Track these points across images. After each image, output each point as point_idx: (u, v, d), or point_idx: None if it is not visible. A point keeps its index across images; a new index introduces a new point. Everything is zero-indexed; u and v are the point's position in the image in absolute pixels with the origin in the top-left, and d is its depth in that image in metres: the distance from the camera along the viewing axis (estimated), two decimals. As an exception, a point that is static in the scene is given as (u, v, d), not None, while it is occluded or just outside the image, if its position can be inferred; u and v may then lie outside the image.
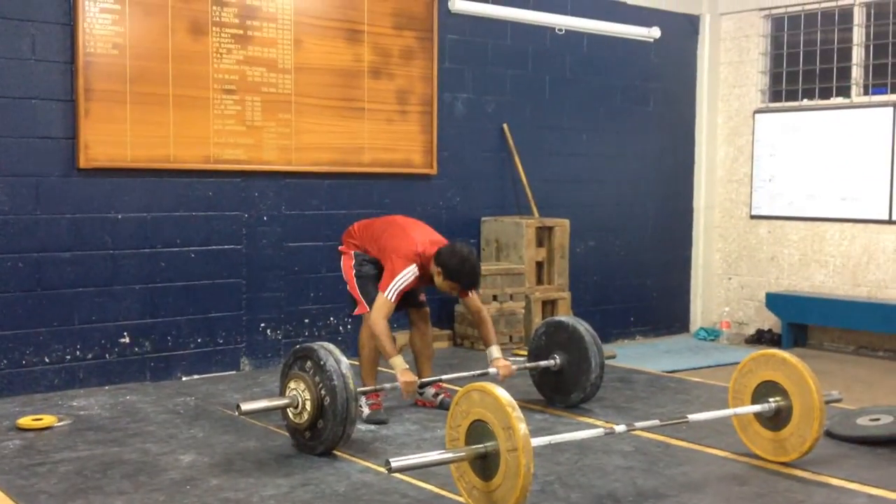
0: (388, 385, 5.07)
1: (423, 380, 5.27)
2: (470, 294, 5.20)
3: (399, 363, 4.95)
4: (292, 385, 4.51)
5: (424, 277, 5.09)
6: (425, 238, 5.15)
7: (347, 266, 5.32)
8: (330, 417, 4.37)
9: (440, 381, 5.38)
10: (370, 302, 5.11)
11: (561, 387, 5.46)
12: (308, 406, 4.41)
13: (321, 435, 4.42)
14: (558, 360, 5.43)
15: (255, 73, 6.47)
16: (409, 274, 4.99)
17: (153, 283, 6.18)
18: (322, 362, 4.41)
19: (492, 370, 5.14)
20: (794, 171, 8.83)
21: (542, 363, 5.46)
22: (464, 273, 4.97)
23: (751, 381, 4.42)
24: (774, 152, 8.97)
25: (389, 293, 4.96)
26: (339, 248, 5.45)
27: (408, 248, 5.04)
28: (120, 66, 5.92)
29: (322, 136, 6.81)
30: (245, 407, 4.42)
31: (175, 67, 6.13)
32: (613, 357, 5.70)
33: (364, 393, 4.97)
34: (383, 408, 5.17)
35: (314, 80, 6.74)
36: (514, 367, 5.27)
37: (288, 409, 4.51)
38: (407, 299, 5.28)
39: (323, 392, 4.39)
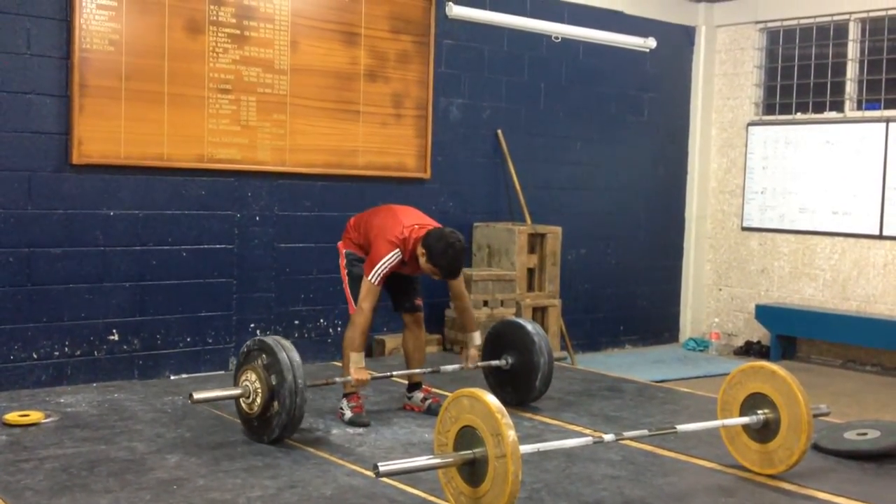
0: (338, 379, 5.10)
1: (377, 374, 5.28)
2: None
3: (358, 359, 4.97)
4: (243, 378, 4.70)
5: (411, 263, 5.05)
6: (413, 222, 5.09)
7: (342, 266, 5.31)
8: (280, 383, 4.53)
9: (391, 376, 5.40)
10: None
11: (521, 380, 5.54)
12: (259, 392, 4.60)
13: (282, 405, 4.53)
14: (510, 360, 5.54)
15: (251, 73, 6.47)
16: (392, 258, 4.96)
17: (144, 281, 6.17)
18: (263, 346, 4.67)
19: (441, 368, 5.36)
20: (786, 184, 8.86)
21: (494, 362, 5.59)
22: (447, 259, 4.89)
23: (739, 393, 4.42)
24: (767, 165, 9.01)
25: (373, 277, 4.96)
26: (338, 244, 5.42)
27: (393, 232, 5.01)
28: (115, 63, 5.90)
29: (316, 137, 6.81)
30: (198, 395, 4.60)
31: (171, 65, 6.12)
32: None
33: (315, 385, 5.02)
34: (365, 410, 5.17)
35: (310, 81, 6.74)
36: (457, 366, 5.46)
37: (241, 399, 4.70)
38: (402, 302, 5.30)
39: (267, 359, 4.61)
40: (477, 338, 5.34)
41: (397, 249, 4.98)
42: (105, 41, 5.87)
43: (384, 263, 4.97)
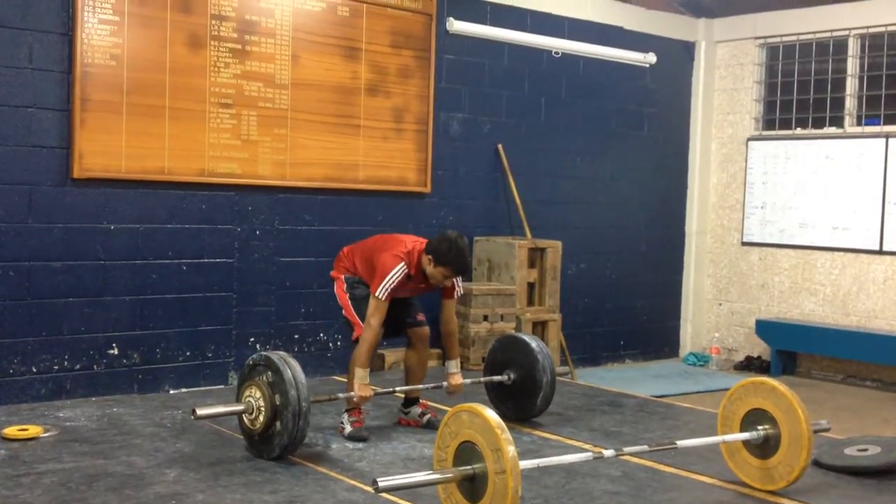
0: (340, 395, 5.12)
1: (380, 390, 5.26)
2: (456, 291, 5.24)
3: (362, 375, 4.99)
4: (247, 393, 4.70)
5: (416, 277, 5.08)
6: (415, 240, 5.18)
7: (340, 291, 5.28)
8: (284, 405, 4.52)
9: (394, 391, 5.40)
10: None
11: (522, 397, 5.56)
12: (262, 409, 4.59)
13: (285, 426, 4.52)
14: (512, 376, 5.56)
15: (252, 88, 6.48)
16: (398, 272, 4.99)
17: (143, 295, 6.16)
18: (269, 363, 4.66)
19: (444, 383, 5.33)
20: (786, 199, 8.87)
21: (497, 378, 5.62)
22: (453, 254, 4.95)
23: (740, 409, 4.42)
24: (767, 180, 9.02)
25: (380, 292, 4.97)
26: (331, 273, 5.42)
27: (398, 248, 5.08)
28: (117, 77, 5.92)
29: (317, 151, 6.82)
30: (200, 412, 4.59)
31: (172, 80, 6.14)
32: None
33: (318, 402, 5.02)
34: (365, 425, 5.18)
35: (311, 95, 6.75)
36: (467, 381, 5.46)
37: (243, 415, 4.70)
38: (404, 319, 5.29)
39: (272, 377, 4.60)
40: (454, 366, 5.35)
41: (403, 263, 5.01)
42: (107, 56, 5.88)
43: (392, 277, 4.98)
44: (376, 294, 4.98)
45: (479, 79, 7.80)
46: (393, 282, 4.98)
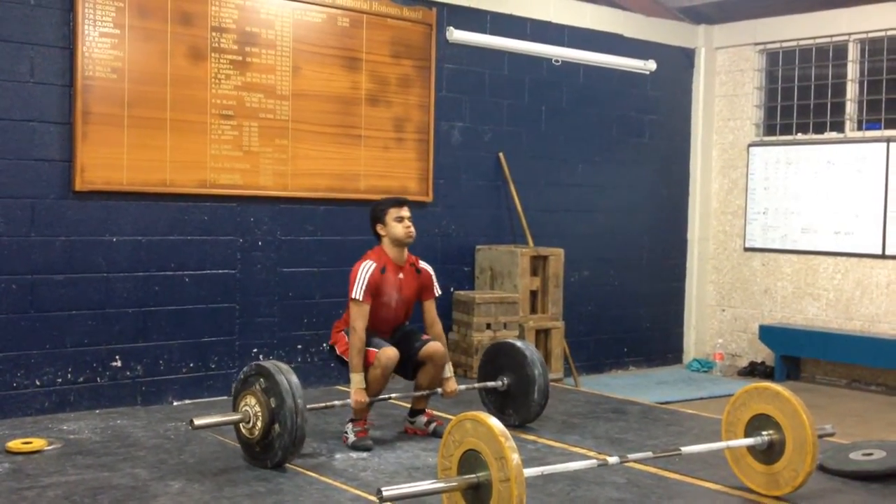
0: (336, 402, 5.19)
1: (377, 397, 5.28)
2: (434, 290, 5.40)
3: (357, 380, 5.05)
4: (242, 403, 4.74)
5: (391, 268, 5.21)
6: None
7: (344, 343, 5.26)
8: (280, 405, 4.57)
9: (390, 398, 5.40)
10: (376, 346, 5.13)
11: (519, 398, 5.62)
12: (259, 416, 4.63)
13: (284, 427, 4.54)
14: (505, 380, 5.66)
15: (253, 99, 6.50)
16: (366, 268, 5.15)
17: (146, 307, 6.17)
18: (261, 370, 4.72)
19: (439, 390, 5.38)
20: (787, 205, 8.87)
21: (490, 384, 5.72)
22: (383, 202, 5.36)
23: (744, 414, 4.41)
24: (768, 185, 9.02)
25: (356, 292, 5.10)
26: (330, 342, 5.45)
27: (360, 260, 5.23)
28: (118, 90, 5.94)
29: (319, 162, 6.83)
30: (199, 422, 4.64)
31: (173, 92, 6.15)
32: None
33: (315, 409, 5.08)
34: (369, 435, 5.17)
35: (312, 106, 6.77)
36: (462, 387, 5.52)
37: (241, 425, 4.73)
38: (413, 345, 5.26)
39: (265, 383, 4.65)
40: (448, 370, 5.39)
41: (368, 260, 5.19)
42: (108, 69, 5.90)
43: (362, 274, 5.12)
44: (353, 296, 5.08)
45: (479, 88, 7.82)
46: (365, 278, 5.11)
